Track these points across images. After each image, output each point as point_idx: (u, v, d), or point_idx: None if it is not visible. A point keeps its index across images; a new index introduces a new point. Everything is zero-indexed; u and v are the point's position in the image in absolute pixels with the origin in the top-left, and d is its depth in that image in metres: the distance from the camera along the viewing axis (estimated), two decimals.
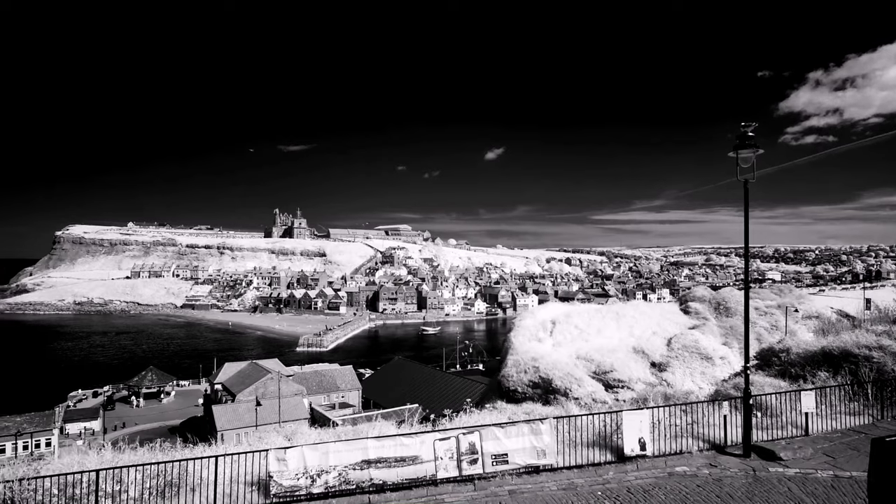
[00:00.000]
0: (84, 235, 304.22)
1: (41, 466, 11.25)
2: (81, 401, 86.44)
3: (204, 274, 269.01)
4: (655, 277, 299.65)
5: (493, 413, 17.11)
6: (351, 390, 70.93)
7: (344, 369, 76.09)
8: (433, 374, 66.31)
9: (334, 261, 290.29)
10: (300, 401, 60.74)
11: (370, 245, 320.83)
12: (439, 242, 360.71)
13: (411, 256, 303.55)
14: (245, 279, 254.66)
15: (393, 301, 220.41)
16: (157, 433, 62.88)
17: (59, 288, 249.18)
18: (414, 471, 10.69)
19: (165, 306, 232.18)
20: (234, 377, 68.88)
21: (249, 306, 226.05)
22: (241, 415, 56.53)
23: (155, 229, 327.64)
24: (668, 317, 28.32)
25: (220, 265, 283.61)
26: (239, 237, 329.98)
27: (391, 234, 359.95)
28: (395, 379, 68.48)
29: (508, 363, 23.35)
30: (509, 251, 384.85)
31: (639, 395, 18.86)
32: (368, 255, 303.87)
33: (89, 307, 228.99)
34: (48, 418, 66.27)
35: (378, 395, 65.63)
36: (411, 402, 49.32)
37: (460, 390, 53.48)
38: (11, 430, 62.40)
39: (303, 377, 70.63)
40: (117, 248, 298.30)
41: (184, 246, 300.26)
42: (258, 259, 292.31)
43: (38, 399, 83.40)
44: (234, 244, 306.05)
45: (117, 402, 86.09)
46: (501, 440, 10.98)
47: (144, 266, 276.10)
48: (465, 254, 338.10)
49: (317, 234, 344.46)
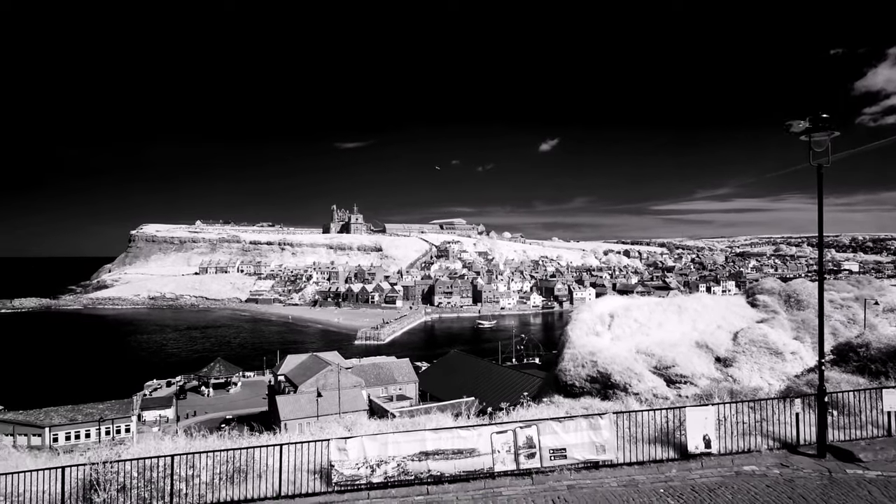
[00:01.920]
0: (156, 234, 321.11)
1: (122, 451, 11.97)
2: (156, 390, 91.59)
3: (266, 269, 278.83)
4: (720, 269, 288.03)
5: (551, 407, 16.95)
6: (408, 383, 71.89)
7: (401, 362, 77.17)
8: (489, 368, 66.24)
9: (390, 255, 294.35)
10: (359, 392, 62.05)
11: (425, 239, 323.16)
12: (494, 236, 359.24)
13: (466, 250, 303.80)
14: (305, 274, 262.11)
15: (448, 295, 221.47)
16: (225, 421, 65.93)
17: (134, 283, 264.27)
18: (471, 463, 10.74)
19: (231, 301, 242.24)
20: (296, 369, 71.11)
21: (309, 300, 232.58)
22: (303, 405, 58.32)
23: (221, 227, 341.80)
24: (734, 310, 27.19)
25: (282, 261, 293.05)
26: (299, 233, 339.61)
27: (446, 229, 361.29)
28: (452, 372, 68.84)
29: (565, 357, 23.06)
30: (565, 244, 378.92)
31: (703, 390, 18.20)
32: (423, 250, 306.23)
33: (162, 301, 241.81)
34: (127, 406, 70.62)
35: (434, 388, 66.19)
36: (468, 395, 49.44)
37: (516, 384, 53.22)
38: (95, 416, 66.91)
39: (361, 369, 72.11)
40: (186, 245, 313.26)
41: (247, 242, 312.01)
42: (317, 254, 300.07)
43: (117, 388, 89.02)
44: (295, 240, 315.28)
45: (189, 392, 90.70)
46: (560, 434, 10.87)
47: (211, 262, 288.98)
48: (520, 247, 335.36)
49: (373, 229, 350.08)
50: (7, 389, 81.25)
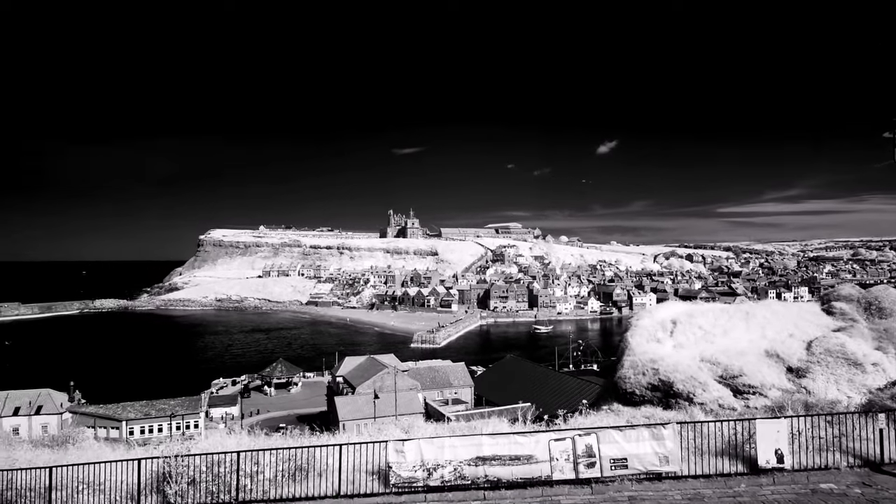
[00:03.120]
0: (223, 238, 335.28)
1: (191, 445, 12.56)
2: (222, 388, 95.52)
3: (325, 273, 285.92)
4: (791, 274, 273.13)
5: (610, 415, 16.54)
6: (463, 387, 71.91)
7: (456, 366, 77.30)
8: (546, 374, 65.41)
9: (446, 259, 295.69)
10: (415, 395, 62.56)
11: (480, 243, 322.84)
12: (550, 240, 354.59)
13: (522, 254, 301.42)
14: (362, 278, 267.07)
15: (504, 299, 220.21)
16: (286, 420, 67.90)
17: (202, 286, 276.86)
18: (528, 470, 10.61)
19: (292, 303, 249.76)
20: (354, 371, 72.48)
21: (367, 303, 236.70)
22: (360, 406, 59.36)
23: (283, 231, 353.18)
24: (807, 318, 25.69)
25: (340, 264, 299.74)
26: (356, 238, 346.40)
27: (501, 233, 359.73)
28: (508, 377, 68.39)
29: (625, 364, 22.45)
30: (624, 248, 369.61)
31: (773, 402, 17.30)
32: (479, 254, 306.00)
33: (228, 303, 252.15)
34: (196, 403, 73.97)
35: (490, 393, 65.93)
36: (524, 400, 48.97)
37: (574, 391, 52.30)
38: (167, 411, 70.45)
39: (417, 373, 72.70)
40: (250, 249, 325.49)
41: (308, 247, 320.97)
42: (374, 258, 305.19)
43: (187, 385, 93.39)
44: (353, 244, 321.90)
45: (252, 391, 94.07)
46: (620, 444, 10.58)
47: (274, 266, 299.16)
48: (578, 251, 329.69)
49: (429, 233, 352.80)
50: (88, 384, 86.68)
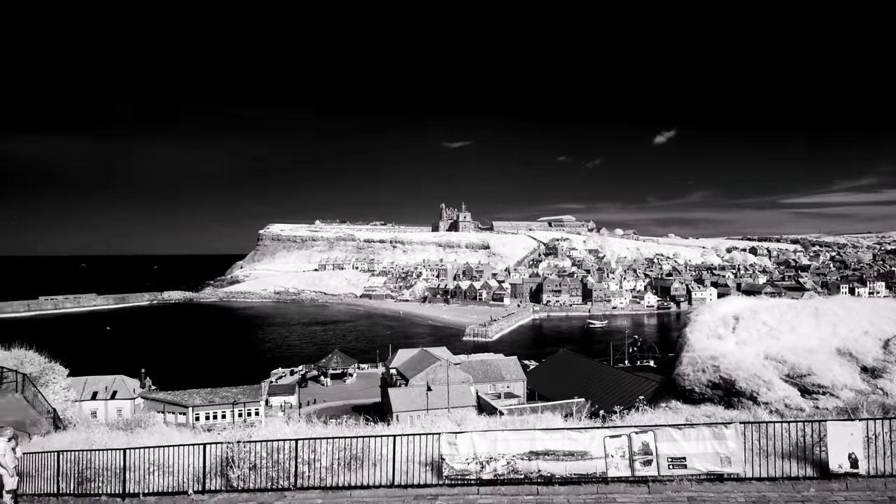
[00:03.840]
0: (280, 233, 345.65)
1: (253, 433, 13.05)
2: (281, 378, 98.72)
3: (379, 266, 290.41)
4: (866, 268, 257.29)
5: (668, 413, 16.09)
6: (516, 381, 71.57)
7: (509, 360, 77.01)
8: (600, 369, 64.26)
9: (498, 253, 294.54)
10: (467, 388, 62.77)
11: (533, 237, 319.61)
12: (605, 232, 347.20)
13: (575, 247, 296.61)
14: (415, 271, 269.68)
15: (557, 293, 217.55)
16: (342, 410, 69.55)
17: (262, 279, 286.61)
18: (583, 466, 10.46)
19: (347, 296, 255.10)
20: (407, 363, 73.39)
21: (419, 297, 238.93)
22: (413, 398, 60.11)
23: (337, 226, 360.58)
24: (885, 314, 24.13)
25: (393, 258, 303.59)
26: (409, 231, 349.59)
27: (554, 226, 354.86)
28: (561, 371, 67.60)
29: (683, 361, 21.77)
30: (683, 240, 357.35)
31: (846, 403, 16.38)
32: (531, 247, 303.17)
33: (286, 296, 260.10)
34: (256, 391, 76.82)
35: (543, 387, 65.36)
36: (577, 396, 48.32)
37: (630, 387, 51.17)
38: (230, 399, 73.48)
39: (469, 366, 72.86)
40: (307, 243, 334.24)
41: (361, 241, 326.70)
42: (426, 252, 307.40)
43: (248, 374, 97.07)
44: (405, 238, 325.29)
45: (309, 381, 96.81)
46: (679, 442, 10.26)
47: (329, 259, 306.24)
48: (633, 244, 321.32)
49: (481, 226, 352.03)
50: (158, 371, 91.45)
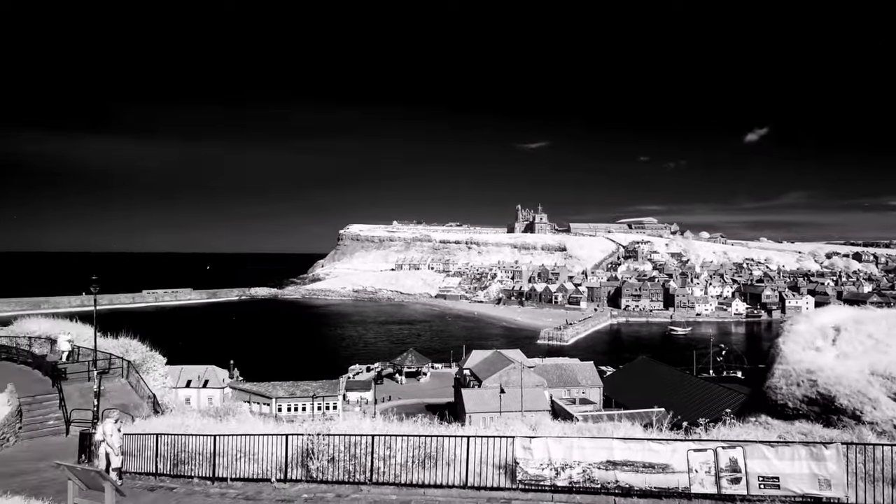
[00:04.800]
0: (359, 233, 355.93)
1: (331, 426, 13.47)
2: (358, 374, 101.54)
3: (454, 267, 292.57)
4: None
5: (759, 429, 15.08)
6: (591, 387, 69.80)
7: (585, 365, 75.25)
8: (683, 378, 61.37)
9: (574, 255, 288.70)
10: (541, 392, 61.89)
11: (611, 239, 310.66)
12: (689, 235, 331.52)
13: (657, 251, 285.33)
14: (490, 272, 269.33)
15: (636, 298, 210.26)
16: (416, 408, 70.61)
17: (341, 278, 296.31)
18: (664, 480, 10.01)
19: (422, 296, 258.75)
20: (481, 364, 73.35)
21: (494, 298, 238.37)
22: (486, 400, 59.97)
23: (414, 226, 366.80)
24: None
25: (468, 259, 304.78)
26: (484, 233, 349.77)
27: (634, 228, 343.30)
28: (640, 379, 65.20)
29: (776, 373, 20.39)
30: (776, 245, 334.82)
31: None
32: (610, 250, 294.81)
33: (363, 294, 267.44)
34: (334, 386, 79.43)
35: (620, 395, 63.31)
36: (658, 405, 46.41)
37: (715, 398, 48.55)
38: (310, 392, 76.39)
39: (543, 369, 71.85)
40: (384, 243, 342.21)
41: (437, 241, 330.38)
42: (501, 253, 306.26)
43: (326, 369, 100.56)
44: (480, 239, 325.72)
45: (385, 378, 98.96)
46: (771, 461, 9.58)
47: (405, 259, 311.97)
48: (720, 248, 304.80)
49: (557, 228, 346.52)
50: (245, 362, 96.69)
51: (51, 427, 20.77)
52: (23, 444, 19.35)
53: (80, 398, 21.91)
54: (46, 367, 24.93)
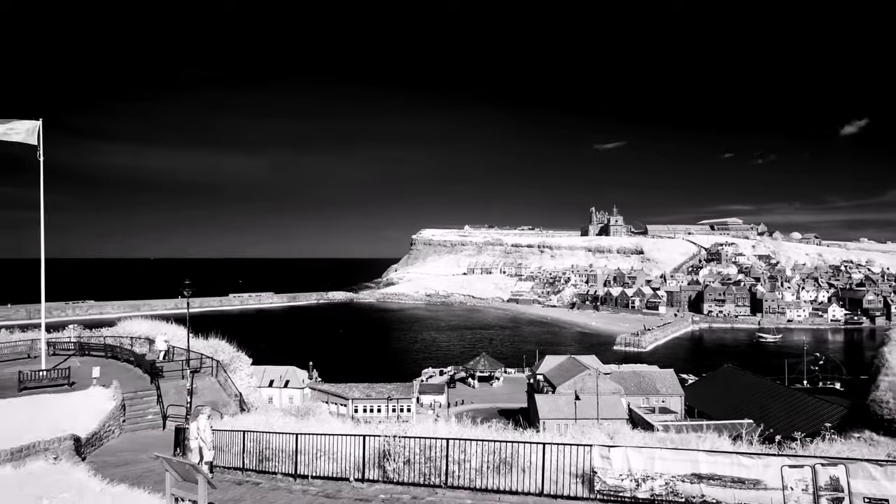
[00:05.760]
0: (432, 238, 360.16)
1: (407, 428, 13.65)
2: (431, 377, 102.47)
3: (526, 271, 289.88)
4: None
5: (862, 445, 13.92)
6: (672, 395, 66.97)
7: (664, 372, 72.37)
8: (774, 389, 57.55)
9: (652, 258, 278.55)
10: (618, 400, 60.03)
11: (692, 241, 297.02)
12: (778, 236, 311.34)
13: (742, 253, 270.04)
14: (563, 276, 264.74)
15: (720, 302, 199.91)
16: (488, 413, 70.39)
17: (414, 282, 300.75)
18: (755, 496, 9.41)
19: (494, 300, 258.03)
20: (555, 370, 72.15)
21: (567, 303, 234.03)
22: (560, 406, 58.84)
23: (486, 231, 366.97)
24: None
25: (541, 263, 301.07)
26: (557, 236, 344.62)
27: (717, 229, 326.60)
28: (725, 388, 61.77)
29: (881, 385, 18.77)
30: (879, 245, 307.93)
31: None
32: (690, 253, 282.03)
33: (436, 298, 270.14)
34: (408, 389, 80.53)
35: (704, 405, 60.27)
36: (746, 417, 43.80)
37: (811, 411, 45.23)
38: (385, 394, 77.89)
39: (620, 376, 69.71)
40: (456, 248, 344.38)
41: (509, 245, 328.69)
42: (575, 257, 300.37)
43: (400, 372, 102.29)
44: (553, 243, 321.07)
45: (458, 382, 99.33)
46: (880, 482, 8.77)
47: (477, 264, 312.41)
48: (814, 249, 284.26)
49: (633, 231, 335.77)
50: (323, 364, 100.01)
51: (149, 421, 22.33)
52: (125, 436, 20.92)
53: (175, 395, 23.43)
54: (145, 365, 26.85)
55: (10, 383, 23.10)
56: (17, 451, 15.17)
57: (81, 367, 26.64)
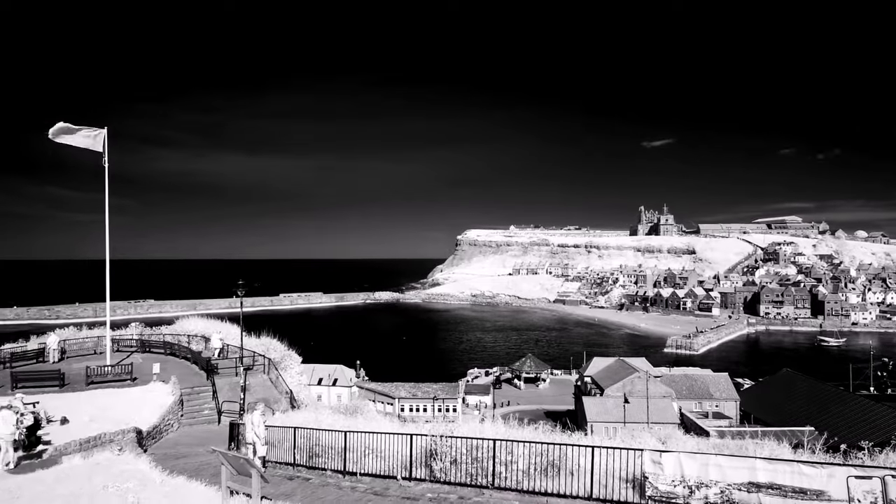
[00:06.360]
0: (477, 238, 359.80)
1: (454, 428, 13.68)
2: (476, 378, 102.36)
3: (573, 272, 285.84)
4: None
5: None
6: (726, 400, 64.74)
7: (718, 376, 70.04)
8: (838, 395, 54.71)
9: (705, 258, 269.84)
10: (669, 404, 58.44)
11: (748, 240, 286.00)
12: (841, 235, 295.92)
13: (802, 252, 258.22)
14: (611, 277, 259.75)
15: (777, 304, 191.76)
16: (535, 414, 69.76)
17: (460, 282, 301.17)
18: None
19: (540, 300, 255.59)
20: (603, 372, 70.90)
21: (615, 304, 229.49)
22: (609, 409, 57.76)
23: (531, 231, 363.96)
24: None
25: (588, 263, 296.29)
26: (605, 236, 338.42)
27: (775, 228, 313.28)
28: (784, 394, 59.17)
29: None
30: None
31: None
32: (746, 252, 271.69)
33: (481, 299, 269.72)
34: (454, 389, 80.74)
35: (760, 411, 57.95)
36: (807, 424, 41.87)
37: (880, 420, 42.83)
38: (430, 394, 78.34)
39: (671, 380, 67.91)
40: (501, 248, 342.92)
41: (555, 245, 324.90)
42: (624, 257, 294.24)
43: (446, 372, 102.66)
44: (601, 243, 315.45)
45: (503, 383, 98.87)
46: None
47: (523, 264, 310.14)
48: (881, 248, 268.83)
49: (685, 230, 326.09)
50: (370, 362, 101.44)
51: (205, 416, 23.18)
52: (183, 429, 21.78)
53: (229, 391, 24.23)
54: (202, 362, 27.88)
55: (79, 378, 24.41)
56: (85, 441, 16.03)
57: (143, 364, 27.91)
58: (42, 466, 13.75)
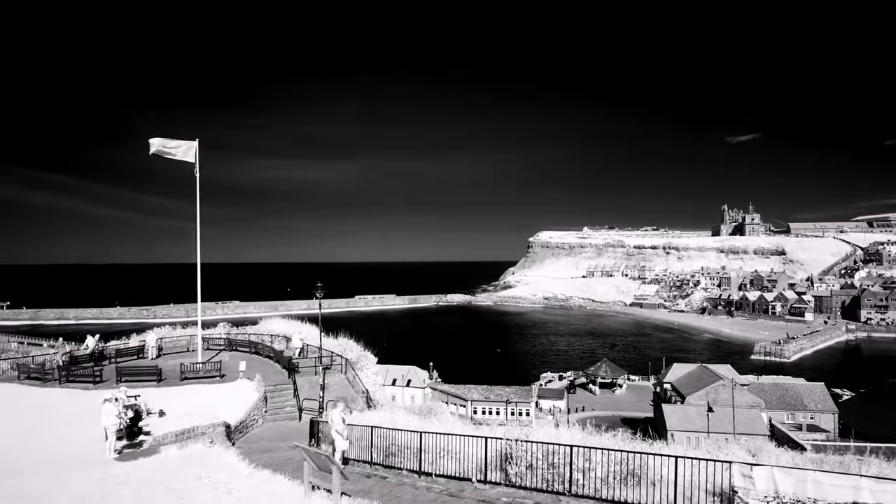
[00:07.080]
0: (549, 240, 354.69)
1: (529, 433, 13.51)
2: (550, 382, 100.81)
3: (650, 274, 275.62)
4: None
5: None
6: (823, 412, 60.26)
7: (813, 386, 65.37)
8: None
9: (796, 259, 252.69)
10: (757, 414, 55.11)
11: (845, 240, 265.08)
12: None
13: None
14: (692, 279, 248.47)
15: (881, 309, 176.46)
16: (611, 421, 67.77)
17: (532, 285, 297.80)
18: None
19: (615, 304, 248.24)
20: (683, 378, 67.97)
21: (697, 307, 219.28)
22: (691, 418, 55.22)
23: (606, 232, 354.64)
24: None
25: (667, 265, 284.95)
26: (684, 237, 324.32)
27: (877, 226, 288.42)
28: (891, 407, 54.39)
29: None
30: None
31: None
32: (843, 253, 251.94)
33: (554, 301, 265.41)
34: (527, 393, 79.89)
35: (863, 424, 53.54)
36: None
37: None
38: (503, 397, 77.91)
39: (760, 388, 64.08)
40: (575, 250, 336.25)
41: (631, 247, 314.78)
42: (705, 259, 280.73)
43: (518, 376, 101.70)
44: (680, 244, 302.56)
45: (577, 387, 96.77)
46: None
47: (597, 266, 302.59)
48: None
49: (773, 229, 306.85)
50: (442, 363, 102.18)
51: (287, 413, 24.15)
52: (267, 425, 22.80)
53: (309, 389, 25.13)
54: (283, 361, 29.10)
55: (174, 374, 26.12)
56: (180, 433, 17.14)
57: (230, 361, 29.49)
58: (143, 455, 14.84)
